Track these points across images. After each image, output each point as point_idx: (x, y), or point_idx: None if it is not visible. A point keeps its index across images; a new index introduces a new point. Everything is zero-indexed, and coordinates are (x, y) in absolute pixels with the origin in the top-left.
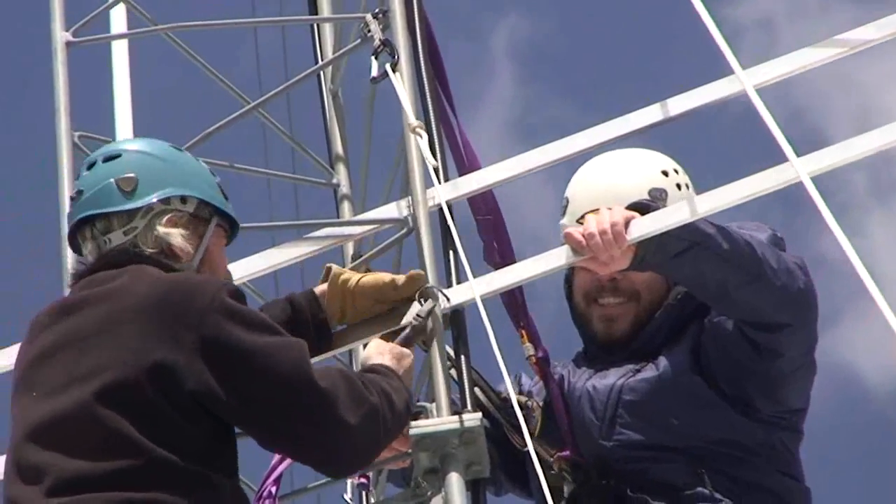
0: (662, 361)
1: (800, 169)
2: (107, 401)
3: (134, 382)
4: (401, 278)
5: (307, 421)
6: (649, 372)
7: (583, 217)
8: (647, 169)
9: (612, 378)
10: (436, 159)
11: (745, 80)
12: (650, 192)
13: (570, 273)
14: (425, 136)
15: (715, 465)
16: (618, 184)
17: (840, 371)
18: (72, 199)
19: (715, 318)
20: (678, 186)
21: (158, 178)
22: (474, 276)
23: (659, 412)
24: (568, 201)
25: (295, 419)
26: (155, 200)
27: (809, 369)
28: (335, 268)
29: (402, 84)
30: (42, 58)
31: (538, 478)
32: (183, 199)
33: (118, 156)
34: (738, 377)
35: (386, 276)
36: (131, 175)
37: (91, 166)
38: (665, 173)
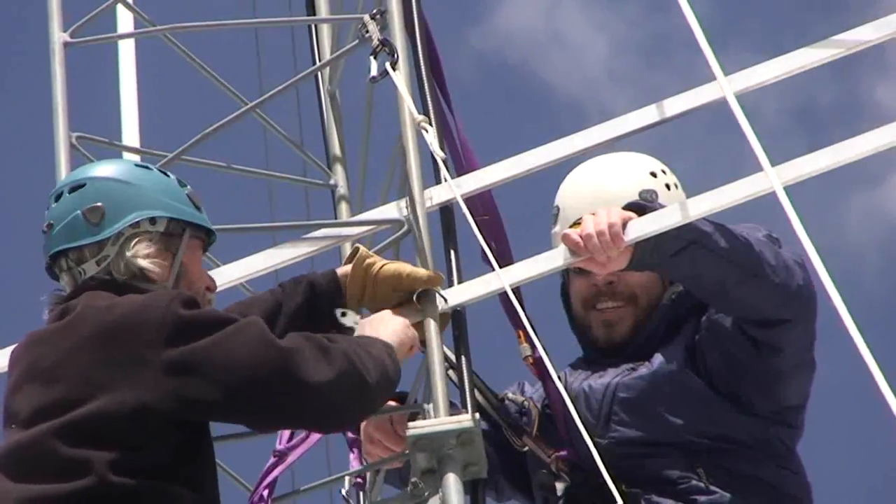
0: (658, 359)
1: (773, 178)
2: (71, 433)
3: (103, 416)
4: (421, 272)
5: (285, 385)
6: (644, 369)
7: (575, 223)
8: (636, 171)
9: (608, 377)
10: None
11: (725, 87)
12: (640, 195)
13: (565, 281)
14: (432, 129)
15: (711, 459)
16: (607, 188)
17: (889, 225)
18: (43, 231)
19: (713, 315)
20: (667, 186)
21: (124, 204)
22: (472, 277)
23: (653, 409)
24: (558, 209)
25: (273, 389)
26: (122, 227)
27: (809, 367)
28: (363, 250)
29: (402, 81)
30: (40, 58)
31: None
32: (152, 220)
33: (83, 185)
34: (735, 375)
35: (407, 268)
36: (98, 204)
37: (58, 197)
38: (653, 174)
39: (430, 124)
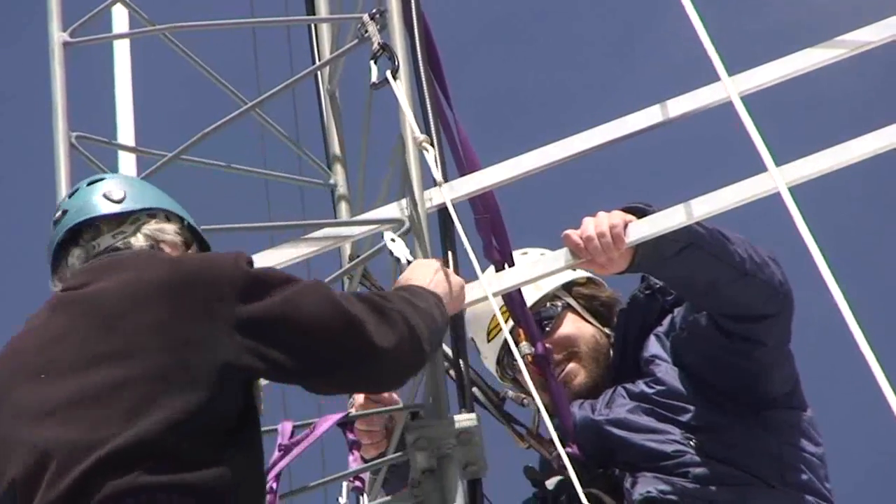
0: (649, 357)
1: (777, 179)
2: (142, 380)
3: (171, 364)
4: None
5: (355, 349)
6: (638, 379)
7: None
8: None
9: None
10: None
11: (730, 88)
12: None
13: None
14: (431, 150)
15: (708, 435)
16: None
17: None
18: (55, 221)
19: (689, 317)
20: None
21: (145, 196)
22: (472, 278)
23: (652, 399)
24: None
25: (344, 352)
26: (141, 211)
27: (789, 358)
28: None
29: (403, 93)
30: (39, 58)
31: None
32: (167, 218)
33: (101, 179)
34: (717, 372)
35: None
36: (119, 188)
37: (74, 193)
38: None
39: (432, 144)
